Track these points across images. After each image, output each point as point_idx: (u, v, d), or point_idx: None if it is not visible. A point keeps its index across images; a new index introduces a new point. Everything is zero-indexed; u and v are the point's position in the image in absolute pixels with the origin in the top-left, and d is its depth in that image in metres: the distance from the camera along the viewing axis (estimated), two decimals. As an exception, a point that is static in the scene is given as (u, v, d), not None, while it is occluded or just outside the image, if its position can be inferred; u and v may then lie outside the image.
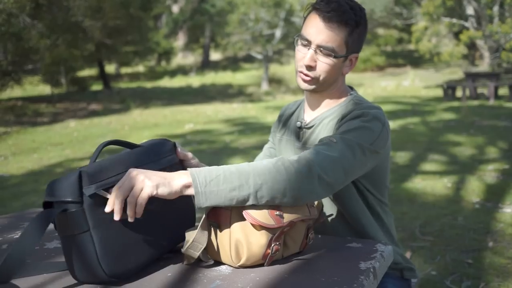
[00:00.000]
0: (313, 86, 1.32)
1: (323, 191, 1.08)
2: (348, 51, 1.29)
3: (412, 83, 17.34)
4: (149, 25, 22.44)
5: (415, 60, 22.21)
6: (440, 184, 4.50)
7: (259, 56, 19.99)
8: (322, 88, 1.33)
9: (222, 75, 23.18)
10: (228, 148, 7.10)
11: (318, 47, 1.26)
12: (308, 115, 1.42)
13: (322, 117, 1.36)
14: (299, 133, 1.41)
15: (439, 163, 5.38)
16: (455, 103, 11.37)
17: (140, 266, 1.00)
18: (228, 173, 1.00)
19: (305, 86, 1.32)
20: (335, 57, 1.27)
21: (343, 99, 1.38)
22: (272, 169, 1.02)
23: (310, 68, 1.28)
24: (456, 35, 17.77)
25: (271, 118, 10.09)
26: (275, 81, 20.06)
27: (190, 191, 0.98)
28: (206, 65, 26.69)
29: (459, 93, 12.92)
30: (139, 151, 1.07)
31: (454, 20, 17.04)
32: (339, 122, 1.28)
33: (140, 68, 26.46)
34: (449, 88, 12.61)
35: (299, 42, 1.31)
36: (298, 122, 1.41)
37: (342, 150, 1.13)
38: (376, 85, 17.10)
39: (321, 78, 1.30)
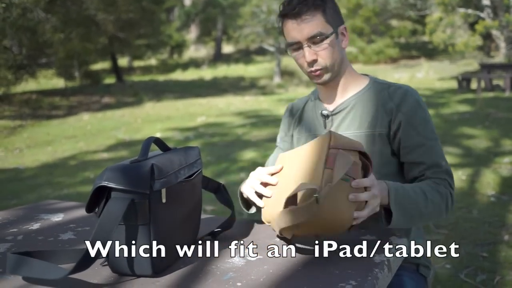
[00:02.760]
0: (328, 75, 1.34)
1: None
2: (334, 26, 1.32)
3: (426, 75, 17.15)
4: (161, 18, 22.50)
5: (429, 52, 21.95)
6: (455, 177, 4.44)
7: (272, 49, 19.92)
8: (335, 72, 1.35)
9: (234, 67, 23.16)
10: (240, 141, 7.10)
11: (308, 40, 1.29)
12: (330, 103, 1.41)
13: (353, 100, 1.38)
14: (324, 122, 1.41)
15: (453, 155, 5.33)
16: (470, 95, 11.23)
17: (173, 262, 1.03)
18: (420, 200, 1.20)
19: (321, 80, 1.35)
20: (327, 37, 1.29)
21: (365, 81, 1.41)
22: (440, 202, 1.25)
23: (314, 62, 1.31)
24: (472, 26, 17.51)
25: (283, 110, 10.06)
26: (288, 74, 19.98)
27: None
28: (218, 58, 26.68)
29: (474, 84, 12.75)
30: (181, 153, 1.09)
31: (470, 11, 16.79)
32: (395, 112, 1.32)
33: (153, 61, 26.54)
34: (464, 80, 12.44)
35: (292, 52, 1.35)
36: (325, 111, 1.40)
37: (448, 171, 1.35)
38: (390, 77, 16.95)
39: (329, 63, 1.32)
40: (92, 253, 0.87)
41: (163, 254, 0.96)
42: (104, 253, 0.89)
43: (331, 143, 1.01)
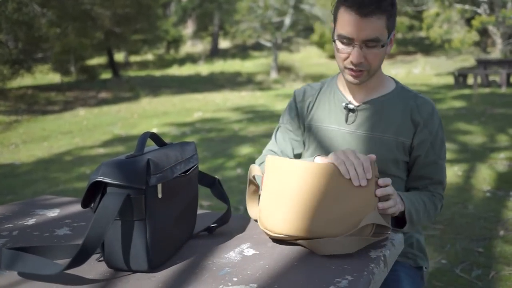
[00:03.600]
0: (366, 78, 1.32)
1: None
2: (389, 33, 1.28)
3: (423, 71, 17.18)
4: (158, 13, 22.39)
5: (426, 48, 21.97)
6: (450, 172, 4.47)
7: (268, 44, 19.90)
8: (371, 75, 1.33)
9: (231, 63, 23.12)
10: (237, 136, 7.10)
11: (364, 41, 1.24)
12: (355, 98, 1.40)
13: (380, 101, 1.38)
14: (347, 115, 1.39)
15: (449, 151, 5.34)
16: (466, 91, 11.25)
17: (169, 258, 1.03)
18: (421, 211, 1.28)
19: (357, 81, 1.31)
20: (382, 45, 1.25)
21: (391, 83, 1.42)
22: (433, 214, 1.36)
23: (360, 64, 1.27)
24: (468, 21, 17.51)
25: (280, 106, 10.06)
26: (284, 69, 19.96)
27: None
28: (215, 53, 26.62)
29: (470, 80, 12.78)
30: (177, 148, 1.09)
31: (466, 6, 16.79)
32: (421, 127, 1.35)
33: (149, 57, 26.46)
34: (460, 76, 12.46)
35: (338, 42, 1.28)
36: (350, 105, 1.38)
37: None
38: (386, 73, 16.90)
39: (372, 68, 1.29)
40: (88, 248, 0.87)
41: (159, 250, 0.96)
42: (99, 248, 0.88)
43: (375, 173, 1.07)
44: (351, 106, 1.38)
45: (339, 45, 1.28)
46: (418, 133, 1.35)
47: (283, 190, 1.08)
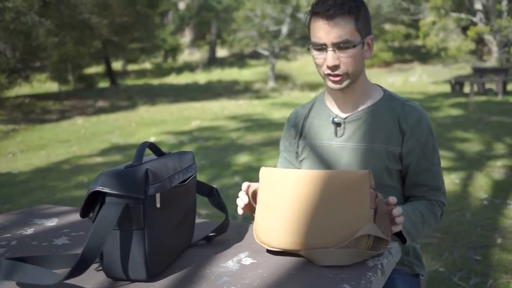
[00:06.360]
0: (346, 83, 1.33)
1: None
2: (362, 36, 1.31)
3: (420, 79, 17.24)
4: (155, 22, 22.48)
5: (423, 56, 22.07)
6: (447, 180, 4.47)
7: (266, 53, 19.95)
8: (353, 80, 1.34)
9: (228, 71, 23.17)
10: (235, 145, 7.10)
11: (334, 45, 1.27)
12: (342, 110, 1.41)
13: (367, 112, 1.38)
14: (336, 129, 1.40)
15: (446, 159, 5.36)
16: (463, 99, 11.29)
17: (167, 267, 1.03)
18: (419, 223, 1.30)
19: (338, 86, 1.33)
20: (354, 46, 1.28)
21: (379, 92, 1.42)
22: (433, 223, 1.37)
23: (336, 67, 1.29)
24: (464, 30, 17.62)
25: (278, 114, 10.07)
26: (282, 78, 20.01)
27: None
28: (212, 61, 26.68)
29: (467, 88, 12.82)
30: (175, 157, 1.10)
31: (462, 15, 16.91)
32: (409, 135, 1.35)
33: (147, 65, 26.49)
34: (457, 84, 12.51)
35: (313, 50, 1.32)
36: (336, 119, 1.39)
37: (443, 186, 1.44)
38: (383, 81, 17.01)
39: (350, 71, 1.31)
40: (87, 258, 0.87)
41: (157, 259, 0.97)
42: (98, 258, 0.89)
43: (371, 183, 1.06)
44: (337, 120, 1.39)
45: (314, 52, 1.32)
46: (406, 142, 1.35)
47: (277, 201, 1.09)
